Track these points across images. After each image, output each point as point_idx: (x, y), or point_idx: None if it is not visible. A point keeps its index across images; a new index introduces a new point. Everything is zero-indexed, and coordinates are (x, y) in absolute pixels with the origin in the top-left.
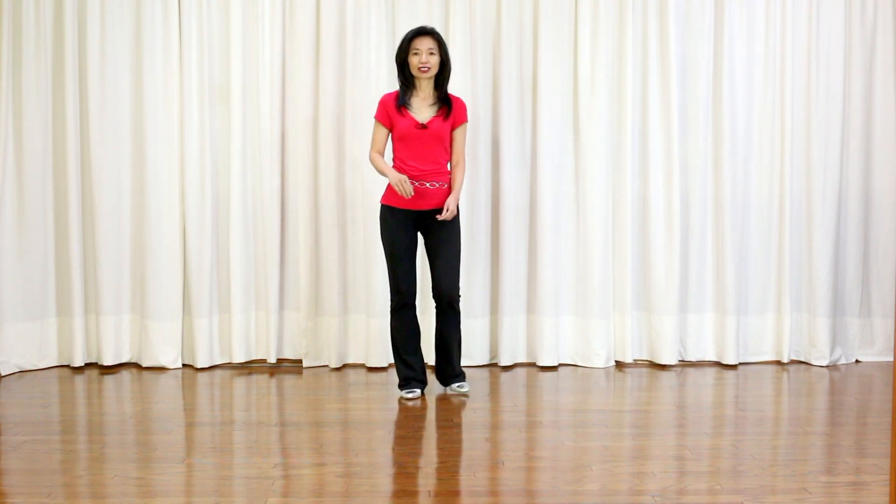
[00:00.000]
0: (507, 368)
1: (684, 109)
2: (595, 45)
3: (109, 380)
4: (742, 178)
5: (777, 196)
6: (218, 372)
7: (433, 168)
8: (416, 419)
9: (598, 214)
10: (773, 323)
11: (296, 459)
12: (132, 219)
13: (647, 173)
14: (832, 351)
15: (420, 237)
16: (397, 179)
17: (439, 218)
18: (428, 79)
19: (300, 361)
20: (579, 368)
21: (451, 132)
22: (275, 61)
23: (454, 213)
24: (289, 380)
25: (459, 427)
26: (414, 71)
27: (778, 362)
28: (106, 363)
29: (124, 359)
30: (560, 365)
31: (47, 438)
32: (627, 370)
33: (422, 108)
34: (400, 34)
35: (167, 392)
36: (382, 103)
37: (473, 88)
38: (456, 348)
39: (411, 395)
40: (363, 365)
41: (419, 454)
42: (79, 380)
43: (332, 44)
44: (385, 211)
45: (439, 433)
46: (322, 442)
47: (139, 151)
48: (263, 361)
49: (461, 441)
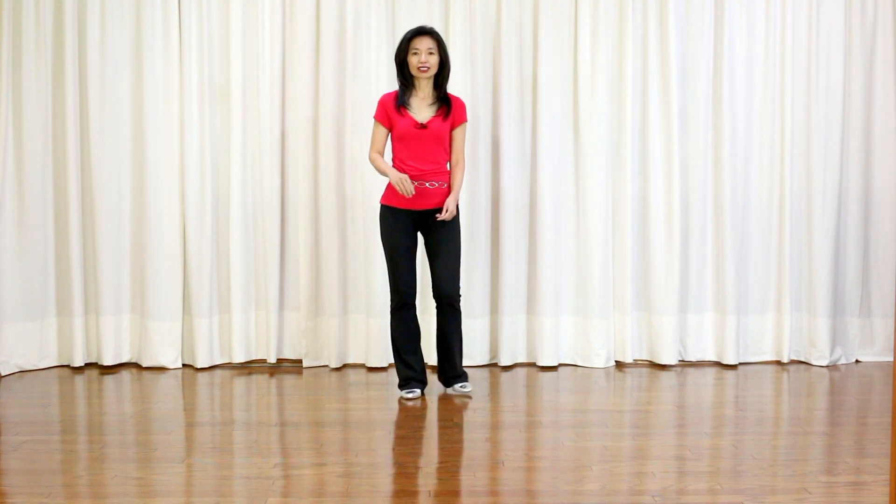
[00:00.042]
0: (507, 368)
1: (684, 109)
2: (595, 45)
3: (109, 380)
4: (742, 178)
5: (777, 196)
6: (218, 372)
7: (433, 168)
8: (416, 419)
9: (598, 214)
10: (773, 323)
11: (296, 459)
12: (132, 219)
13: (647, 173)
14: (832, 351)
15: (420, 237)
16: (398, 179)
17: (438, 218)
18: (427, 78)
19: (300, 361)
20: (579, 368)
21: (451, 132)
22: (275, 61)
23: (453, 214)
24: (289, 380)
25: (459, 427)
26: (413, 71)
27: (778, 362)
28: (106, 363)
29: (124, 359)
30: (560, 365)
31: (47, 438)
32: (627, 370)
33: (421, 108)
34: (400, 34)
35: (167, 392)
36: (382, 103)
37: (473, 88)
38: (457, 349)
39: (411, 395)
40: (363, 365)
41: (419, 454)
42: (79, 380)
43: (332, 44)
44: (385, 211)
45: (439, 433)
46: (322, 442)
47: (139, 151)
48: (263, 361)
49: (461, 441)
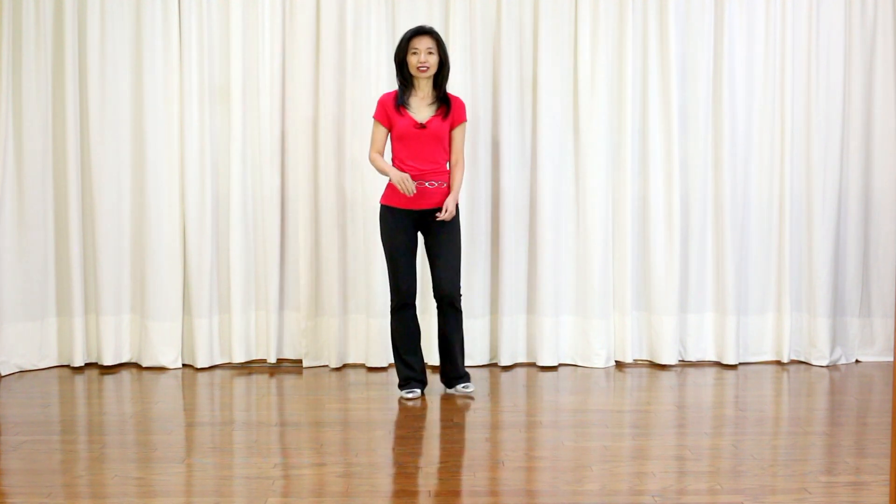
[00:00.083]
0: (507, 368)
1: (684, 109)
2: (595, 46)
3: (109, 380)
4: (742, 178)
5: (777, 196)
6: (218, 372)
7: (432, 167)
8: (416, 419)
9: (598, 214)
10: (773, 323)
11: (296, 459)
12: (132, 219)
13: (647, 173)
14: (832, 351)
15: (420, 237)
16: (399, 178)
17: (438, 218)
18: (426, 78)
19: (300, 361)
20: (579, 368)
21: (450, 131)
22: (275, 61)
23: (453, 214)
24: (289, 380)
25: (459, 427)
26: (412, 70)
27: (778, 362)
28: (106, 363)
29: (124, 359)
30: (560, 365)
31: (47, 438)
32: (627, 370)
33: (420, 108)
34: (400, 34)
35: (167, 392)
36: (381, 103)
37: (473, 88)
38: (459, 349)
39: (411, 395)
40: (363, 365)
41: (419, 454)
42: (79, 380)
43: (332, 44)
44: (385, 211)
45: (439, 433)
46: (322, 442)
47: (139, 151)
48: (263, 361)
49: (461, 441)
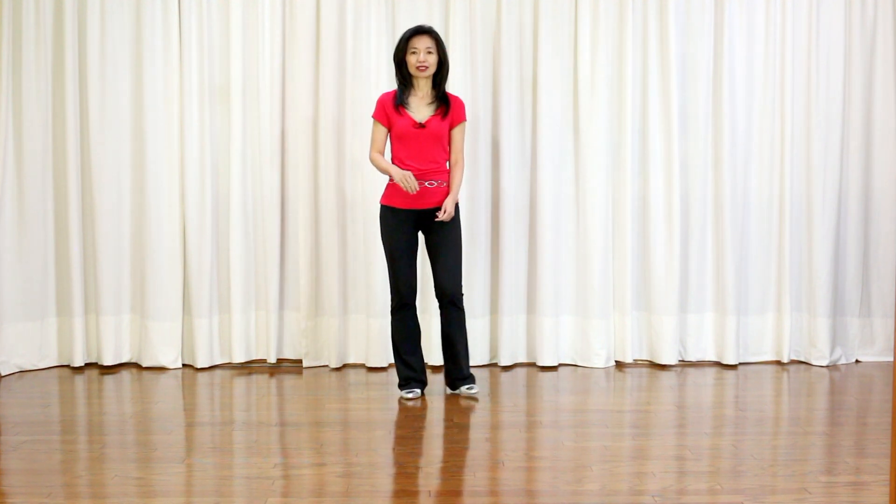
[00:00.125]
0: (507, 368)
1: (684, 109)
2: (595, 45)
3: (109, 380)
4: (742, 178)
5: (777, 196)
6: (218, 372)
7: (432, 167)
8: (416, 419)
9: (598, 214)
10: (773, 323)
11: (296, 459)
12: (132, 219)
13: (647, 173)
14: (832, 351)
15: (421, 237)
16: (401, 176)
17: (437, 219)
18: (426, 78)
19: (300, 361)
20: (579, 368)
21: (450, 131)
22: (275, 61)
23: (451, 215)
24: (289, 380)
25: (459, 427)
26: (412, 70)
27: (778, 362)
28: (106, 363)
29: (124, 359)
30: (560, 365)
31: (47, 438)
32: (627, 370)
33: (420, 108)
34: (400, 34)
35: (167, 392)
36: (380, 102)
37: (473, 88)
38: (463, 349)
39: (411, 395)
40: (363, 365)
41: (419, 454)
42: (79, 380)
43: (332, 44)
44: (385, 211)
45: (439, 433)
46: (322, 442)
47: (139, 151)
48: (263, 361)
49: (461, 441)
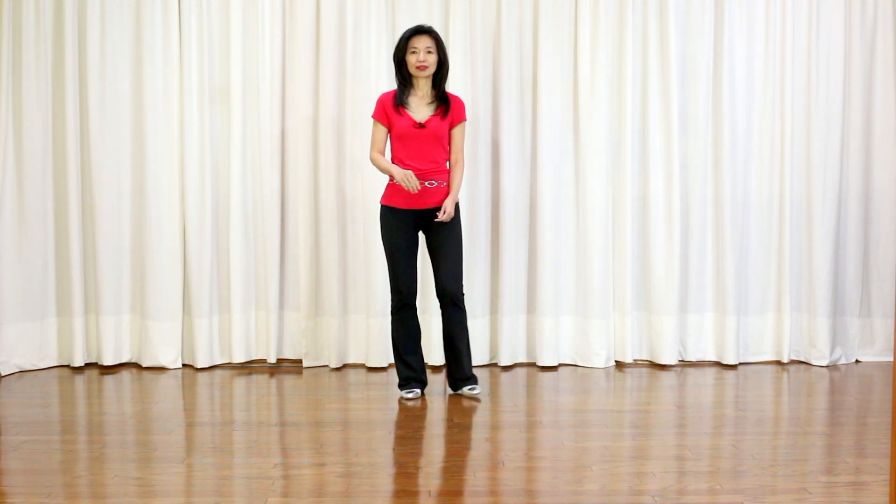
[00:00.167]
0: (507, 368)
1: (684, 109)
2: (595, 45)
3: (109, 380)
4: (742, 178)
5: (777, 196)
6: (218, 372)
7: (432, 167)
8: (416, 419)
9: (598, 214)
10: (773, 323)
11: (296, 459)
12: (132, 219)
13: (647, 173)
14: (832, 351)
15: (422, 236)
16: (403, 175)
17: (437, 219)
18: (426, 77)
19: (300, 361)
20: (579, 368)
21: (450, 131)
22: (275, 61)
23: (451, 216)
24: (289, 380)
25: (459, 427)
26: (411, 69)
27: (778, 362)
28: (106, 363)
29: (124, 359)
30: (560, 365)
31: (47, 438)
32: (627, 370)
33: (420, 107)
34: (400, 34)
35: (167, 392)
36: (380, 102)
37: (473, 88)
38: (465, 349)
39: (411, 395)
40: (363, 365)
41: (419, 454)
42: (79, 380)
43: (332, 44)
44: (385, 211)
45: (439, 433)
46: (322, 442)
47: (139, 151)
48: (263, 361)
49: (461, 441)
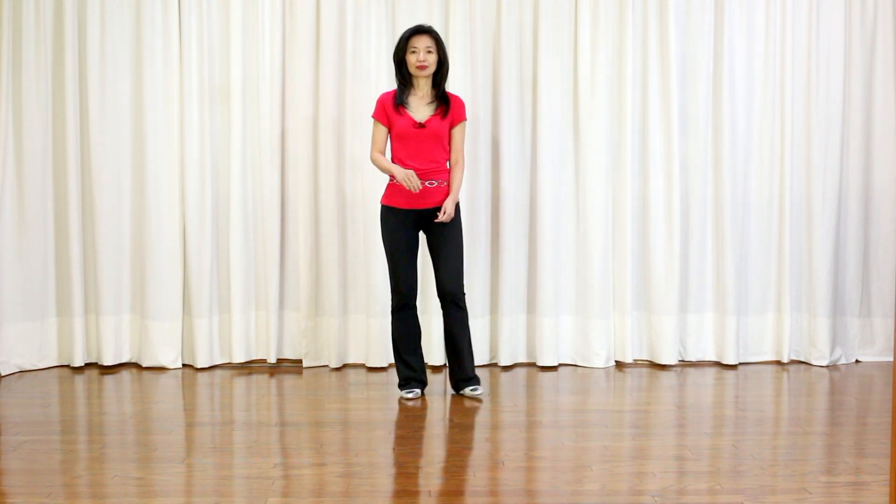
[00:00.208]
0: (507, 368)
1: (684, 109)
2: (595, 45)
3: (109, 380)
4: (742, 178)
5: (777, 196)
6: (218, 372)
7: (432, 167)
8: (416, 419)
9: (598, 214)
10: (773, 323)
11: (296, 459)
12: (132, 219)
13: (647, 173)
14: (832, 351)
15: (422, 236)
16: (404, 175)
17: (437, 220)
18: (426, 77)
19: (300, 361)
20: (579, 368)
21: (450, 130)
22: (275, 61)
23: (451, 216)
24: (289, 380)
25: (459, 427)
26: (411, 69)
27: (778, 362)
28: (106, 363)
29: (124, 359)
30: (560, 365)
31: (47, 438)
32: (627, 370)
33: (420, 107)
34: (400, 34)
35: (167, 392)
36: (380, 102)
37: (473, 88)
38: (466, 350)
39: (411, 395)
40: (363, 365)
41: (419, 454)
42: (79, 380)
43: (332, 44)
44: (385, 211)
45: (439, 433)
46: (322, 442)
47: (139, 151)
48: (263, 361)
49: (461, 441)
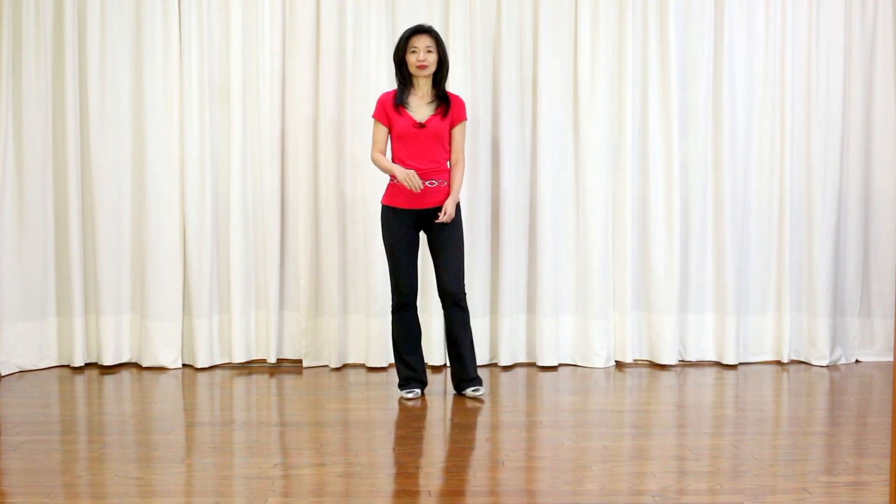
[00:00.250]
0: (507, 368)
1: (684, 109)
2: (595, 45)
3: (109, 380)
4: (742, 178)
5: (777, 196)
6: (218, 372)
7: (433, 167)
8: (416, 419)
9: (598, 214)
10: (773, 323)
11: (296, 459)
12: (132, 219)
13: (647, 173)
14: (832, 351)
15: (423, 236)
16: (405, 175)
17: (437, 220)
18: (426, 77)
19: (300, 361)
20: (579, 368)
21: (450, 130)
22: (275, 61)
23: (452, 217)
24: (289, 380)
25: (459, 427)
26: (412, 69)
27: (778, 362)
28: (106, 363)
29: (124, 359)
30: (560, 365)
31: (47, 438)
32: (627, 370)
33: (420, 107)
34: (400, 34)
35: (167, 392)
36: (380, 102)
37: (473, 88)
38: (467, 350)
39: (411, 395)
40: (363, 365)
41: (419, 454)
42: (79, 380)
43: (332, 44)
44: (386, 211)
45: (439, 433)
46: (322, 442)
47: (139, 151)
48: (263, 361)
49: (461, 441)
